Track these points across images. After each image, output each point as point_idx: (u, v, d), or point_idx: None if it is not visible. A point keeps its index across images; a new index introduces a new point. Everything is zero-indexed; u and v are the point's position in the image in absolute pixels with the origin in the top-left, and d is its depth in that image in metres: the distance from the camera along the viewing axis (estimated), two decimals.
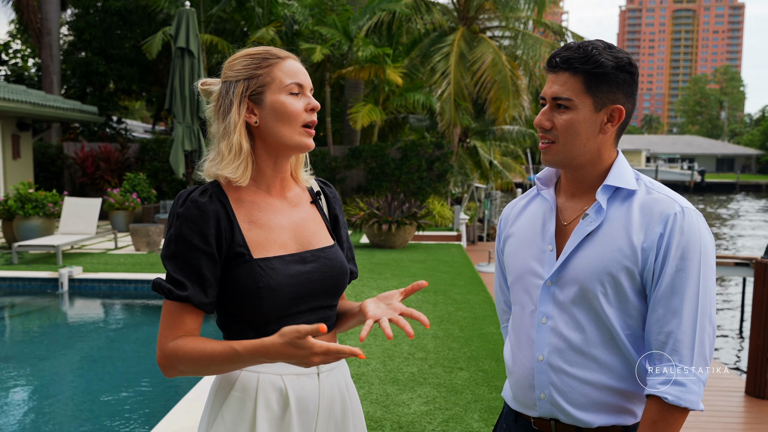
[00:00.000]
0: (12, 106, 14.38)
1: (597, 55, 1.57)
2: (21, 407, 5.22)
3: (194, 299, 1.55)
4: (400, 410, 4.47)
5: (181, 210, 1.59)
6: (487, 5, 18.64)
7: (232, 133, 1.63)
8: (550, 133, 1.63)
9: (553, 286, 1.64)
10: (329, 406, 1.68)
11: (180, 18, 11.63)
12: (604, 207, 1.60)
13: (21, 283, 9.26)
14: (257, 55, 1.67)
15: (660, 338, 1.55)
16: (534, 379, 1.67)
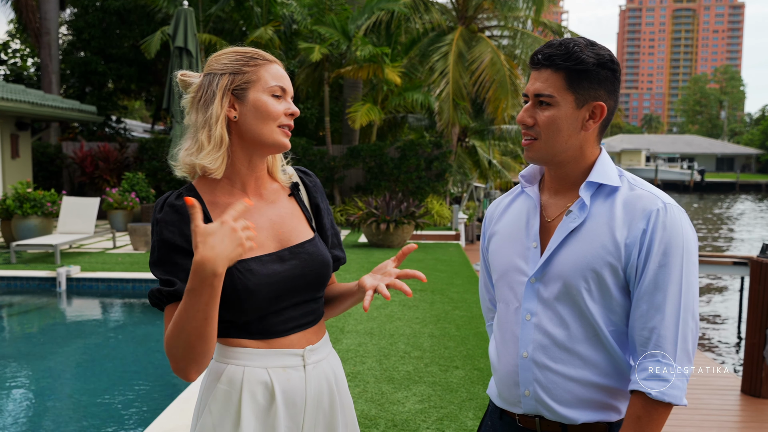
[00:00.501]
0: (10, 105, 14.38)
1: (578, 52, 1.57)
2: (18, 405, 5.22)
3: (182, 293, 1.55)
4: (394, 408, 4.47)
5: (160, 215, 1.62)
6: (485, 5, 18.65)
7: (214, 124, 1.63)
8: (533, 129, 1.63)
9: (538, 283, 1.65)
10: (317, 398, 1.69)
11: (178, 17, 11.63)
12: (587, 203, 1.61)
13: (19, 283, 9.27)
14: (246, 53, 1.69)
15: (644, 334, 1.55)
16: (518, 376, 1.67)
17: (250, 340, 1.64)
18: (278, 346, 1.66)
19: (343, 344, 5.99)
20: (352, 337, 6.25)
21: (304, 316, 1.71)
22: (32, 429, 4.72)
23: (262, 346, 1.64)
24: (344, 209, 16.56)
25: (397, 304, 7.70)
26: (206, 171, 1.65)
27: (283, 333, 1.67)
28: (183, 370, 1.52)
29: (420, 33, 18.92)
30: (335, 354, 1.83)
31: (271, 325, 1.65)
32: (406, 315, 7.16)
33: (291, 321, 1.68)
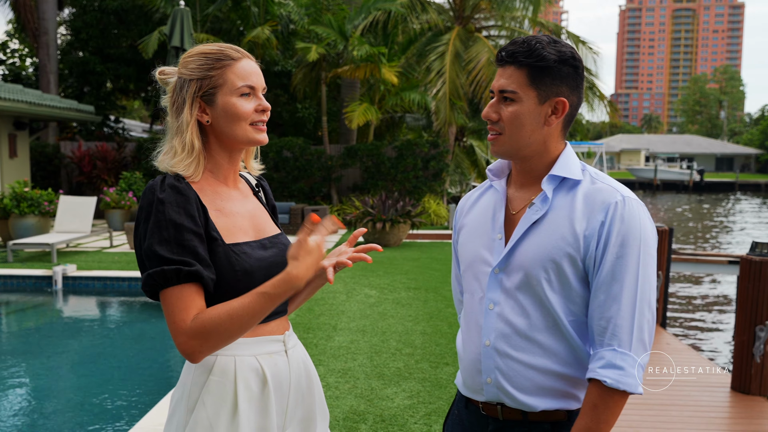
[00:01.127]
0: (8, 105, 14.42)
1: (540, 49, 1.61)
2: (13, 403, 5.26)
3: (204, 273, 1.57)
4: (383, 404, 4.51)
5: (162, 195, 1.60)
6: (482, 4, 18.69)
7: (185, 131, 1.68)
8: (497, 125, 1.68)
9: (501, 273, 1.69)
10: (297, 380, 1.76)
11: (175, 17, 11.67)
12: (549, 196, 1.65)
13: (15, 281, 9.30)
14: (211, 54, 1.71)
15: (601, 323, 1.59)
16: (481, 364, 1.71)
17: None
18: (262, 333, 1.71)
19: (335, 341, 6.03)
20: (344, 334, 6.29)
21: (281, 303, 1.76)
22: (28, 425, 4.76)
23: (248, 334, 1.69)
24: (341, 208, 16.60)
25: (390, 302, 7.74)
26: (183, 176, 1.68)
27: (266, 319, 1.73)
28: (201, 353, 1.55)
29: (417, 33, 18.96)
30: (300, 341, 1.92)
31: None
32: (399, 313, 7.19)
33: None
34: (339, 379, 5.01)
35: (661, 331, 7.11)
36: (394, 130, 22.10)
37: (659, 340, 6.74)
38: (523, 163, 1.72)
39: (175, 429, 1.68)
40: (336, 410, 4.38)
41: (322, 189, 17.74)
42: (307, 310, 7.21)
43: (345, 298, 7.88)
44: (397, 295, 8.11)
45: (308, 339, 6.08)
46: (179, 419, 1.68)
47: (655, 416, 4.71)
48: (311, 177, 17.55)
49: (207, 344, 1.55)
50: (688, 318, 11.37)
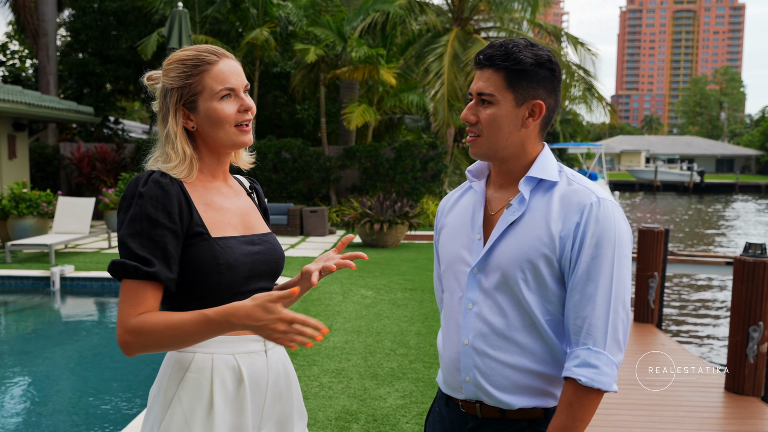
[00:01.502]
0: (7, 106, 14.44)
1: (517, 53, 1.64)
2: (10, 402, 5.29)
3: (161, 275, 1.60)
4: (376, 404, 4.53)
5: (144, 189, 1.64)
6: (481, 6, 18.72)
7: (175, 140, 1.73)
8: (476, 127, 1.70)
9: (480, 273, 1.71)
10: (275, 381, 1.78)
11: (173, 19, 11.70)
12: (526, 197, 1.68)
13: (13, 282, 9.33)
14: (188, 61, 1.73)
15: (576, 323, 1.61)
16: (460, 363, 1.73)
17: None
18: (242, 332, 1.73)
19: (330, 342, 6.05)
20: (339, 334, 6.31)
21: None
22: (24, 425, 4.78)
23: (229, 333, 1.69)
24: (340, 209, 16.62)
25: (386, 302, 7.76)
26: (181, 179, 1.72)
27: None
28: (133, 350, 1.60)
29: (415, 34, 18.98)
30: None
31: None
32: (394, 313, 7.21)
33: None
34: (332, 379, 5.03)
35: (656, 332, 7.13)
36: (393, 132, 22.13)
37: (654, 341, 6.76)
38: (501, 164, 1.74)
39: (151, 425, 1.70)
40: (328, 410, 4.40)
41: (320, 190, 17.76)
42: (302, 311, 7.23)
43: (341, 299, 7.90)
44: (393, 295, 8.13)
45: None
46: (155, 415, 1.70)
47: (647, 416, 4.73)
48: (310, 178, 17.57)
49: (139, 344, 1.59)
50: (685, 319, 11.38)
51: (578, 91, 19.94)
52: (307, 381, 4.97)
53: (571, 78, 19.29)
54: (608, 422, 4.59)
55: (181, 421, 1.65)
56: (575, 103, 21.36)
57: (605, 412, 4.73)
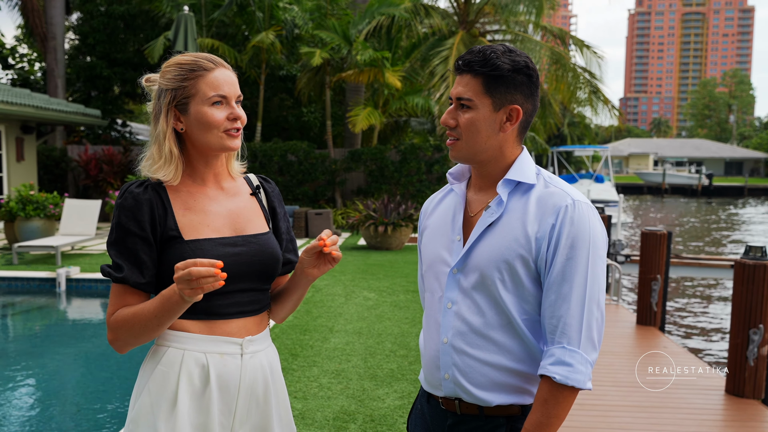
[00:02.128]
0: (15, 109, 14.56)
1: (495, 59, 1.68)
2: (16, 402, 5.35)
3: (130, 279, 1.72)
4: (374, 404, 4.56)
5: (119, 201, 1.76)
6: (487, 9, 18.74)
7: (163, 140, 1.79)
8: (455, 130, 1.75)
9: (459, 274, 1.76)
10: (251, 386, 1.80)
11: (178, 23, 11.78)
12: (504, 200, 1.72)
13: (20, 283, 9.40)
14: (186, 65, 1.80)
15: (552, 322, 1.66)
16: (439, 360, 1.78)
17: (193, 323, 1.76)
18: (219, 332, 1.78)
19: (331, 343, 6.09)
20: (340, 336, 6.34)
21: (249, 303, 1.83)
22: (30, 425, 4.83)
23: (203, 330, 1.76)
24: (345, 212, 16.66)
25: (388, 304, 7.79)
26: (163, 181, 1.79)
27: (226, 316, 1.79)
28: (119, 347, 1.75)
29: (421, 37, 19.02)
30: (274, 348, 1.95)
31: (217, 306, 1.77)
32: (396, 315, 7.24)
33: (236, 306, 1.80)
34: (332, 380, 5.06)
35: (658, 335, 7.13)
36: (399, 134, 22.17)
37: (657, 344, 6.76)
38: (480, 167, 1.79)
39: (129, 413, 1.78)
40: (327, 410, 4.44)
41: (326, 192, 17.81)
42: (305, 312, 7.26)
43: (343, 301, 7.94)
44: (395, 297, 8.16)
45: (304, 341, 6.14)
46: (132, 404, 1.78)
47: (647, 419, 4.74)
48: (315, 181, 17.63)
49: (119, 338, 1.73)
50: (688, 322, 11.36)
51: (584, 94, 19.92)
52: (306, 382, 5.00)
53: (577, 81, 19.27)
54: (608, 424, 4.60)
55: (148, 411, 1.72)
56: (581, 105, 21.34)
57: (605, 414, 4.75)
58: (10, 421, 4.88)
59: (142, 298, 1.75)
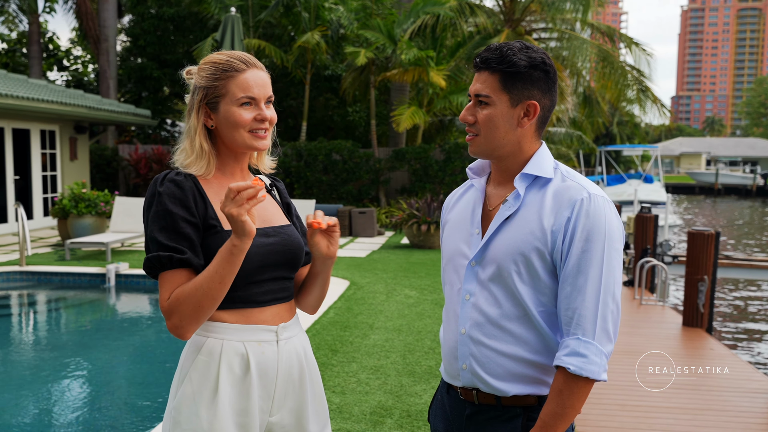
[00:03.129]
0: (69, 110, 15.00)
1: (511, 56, 1.72)
2: (69, 393, 5.54)
3: (193, 261, 1.76)
4: (411, 400, 4.59)
5: (162, 189, 1.80)
6: (533, 7, 18.58)
7: (194, 135, 1.87)
8: (474, 127, 1.78)
9: (477, 266, 1.80)
10: (287, 371, 1.87)
11: (225, 24, 11.97)
12: (521, 193, 1.75)
13: (72, 278, 9.68)
14: (219, 65, 1.86)
15: (567, 314, 1.68)
16: (458, 351, 1.82)
17: (229, 314, 1.82)
18: (254, 321, 1.84)
19: (371, 339, 6.13)
20: (380, 333, 6.38)
21: (280, 290, 1.91)
22: (81, 416, 5.00)
23: (240, 320, 1.83)
24: (389, 211, 16.71)
25: (429, 302, 7.80)
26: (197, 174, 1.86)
27: (261, 303, 1.86)
28: (183, 328, 1.74)
29: (466, 36, 18.95)
30: (305, 334, 2.02)
31: (253, 294, 1.84)
32: (436, 313, 7.25)
33: (270, 293, 1.87)
34: (370, 375, 5.11)
35: (704, 336, 7.00)
36: (444, 133, 22.14)
37: (703, 346, 6.64)
38: (499, 162, 1.83)
39: (169, 402, 1.86)
40: (364, 405, 4.48)
41: (370, 191, 17.89)
42: (345, 309, 7.33)
43: (384, 298, 7.98)
44: (436, 296, 8.17)
45: (344, 337, 6.20)
46: (173, 393, 1.85)
47: (690, 421, 4.67)
48: (360, 180, 17.72)
49: (181, 317, 1.72)
50: (736, 324, 11.09)
51: (632, 93, 19.60)
52: (345, 377, 5.06)
53: (625, 79, 18.97)
54: (650, 425, 4.55)
55: (190, 399, 1.79)
56: (630, 104, 21.00)
57: (647, 415, 4.69)
58: (63, 411, 5.06)
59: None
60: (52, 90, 16.50)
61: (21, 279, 9.66)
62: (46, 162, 15.91)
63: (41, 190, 15.71)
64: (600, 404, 4.86)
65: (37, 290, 9.48)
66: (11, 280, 9.64)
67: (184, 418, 1.78)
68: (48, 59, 26.45)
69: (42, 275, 9.69)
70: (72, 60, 25.95)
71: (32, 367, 6.20)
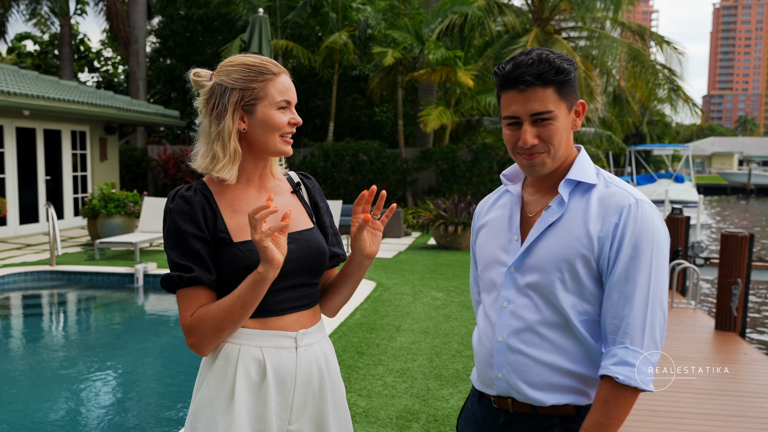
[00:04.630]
0: (99, 110, 15.16)
1: (561, 63, 1.66)
2: (97, 392, 5.57)
3: (203, 277, 1.75)
4: (438, 404, 4.53)
5: (172, 206, 1.80)
6: (562, 6, 18.38)
7: (228, 139, 1.81)
8: (538, 146, 1.70)
9: (516, 273, 1.75)
10: (307, 378, 1.83)
11: (253, 25, 12.00)
12: (565, 199, 1.71)
13: (101, 278, 9.78)
14: (254, 67, 1.83)
15: (614, 322, 1.63)
16: (493, 359, 1.77)
17: (248, 320, 1.79)
18: (273, 327, 1.81)
19: (397, 342, 6.09)
20: (407, 335, 6.33)
21: (300, 298, 1.86)
22: (109, 414, 5.02)
23: (258, 326, 1.80)
24: (416, 211, 16.65)
25: (456, 304, 7.73)
26: (222, 180, 1.84)
27: (279, 312, 1.82)
28: (203, 347, 1.75)
29: (494, 36, 18.82)
30: (329, 340, 1.97)
31: (269, 304, 1.80)
32: (464, 315, 7.18)
33: (287, 302, 1.83)
34: (397, 378, 5.06)
35: (738, 341, 6.84)
36: (472, 134, 22.02)
37: (736, 350, 6.49)
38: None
39: (190, 406, 1.84)
40: (390, 409, 4.43)
41: (397, 192, 17.84)
42: (372, 311, 7.29)
43: (411, 300, 7.93)
44: (463, 297, 8.10)
45: (371, 339, 6.16)
46: (193, 397, 1.83)
47: (723, 428, 4.55)
48: (387, 180, 17.68)
49: (202, 337, 1.73)
50: None
51: (663, 92, 19.32)
52: (371, 380, 5.02)
53: (656, 78, 18.70)
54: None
55: (206, 405, 1.76)
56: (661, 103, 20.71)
57: (679, 422, 4.58)
58: (91, 410, 5.10)
59: (213, 297, 1.77)
60: (83, 91, 16.70)
61: (51, 278, 9.77)
62: (76, 162, 16.11)
63: (72, 191, 15.91)
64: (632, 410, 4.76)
65: (66, 289, 9.59)
66: (42, 279, 9.76)
67: (201, 424, 1.76)
68: (79, 61, 26.82)
69: (72, 275, 9.80)
70: (102, 61, 26.28)
71: (60, 366, 6.25)
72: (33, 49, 28.29)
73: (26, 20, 24.09)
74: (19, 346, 7.14)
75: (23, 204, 14.44)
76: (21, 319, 8.38)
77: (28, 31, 28.41)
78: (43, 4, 23.45)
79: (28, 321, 8.30)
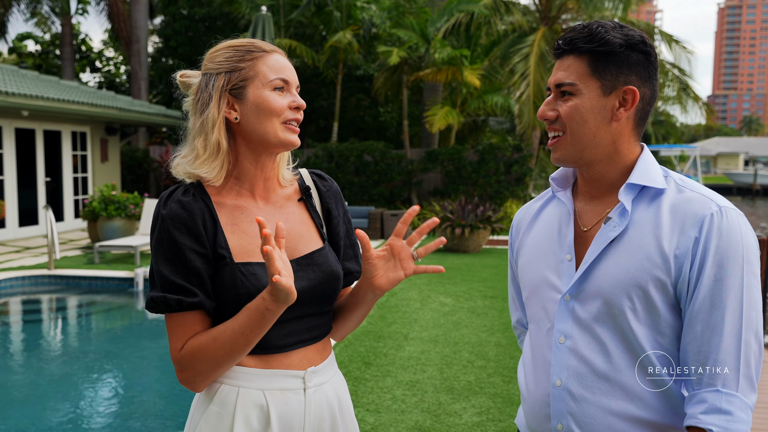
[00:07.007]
0: (99, 111, 14.94)
1: (603, 33, 1.39)
2: (97, 399, 5.38)
3: (206, 304, 1.47)
4: (450, 420, 4.28)
5: (165, 212, 1.49)
6: (569, 4, 18.15)
7: (210, 130, 1.52)
8: (556, 123, 1.44)
9: (573, 301, 1.45)
10: (317, 423, 1.55)
11: (256, 23, 11.79)
12: (628, 209, 1.40)
13: (100, 282, 9.55)
14: (241, 47, 1.57)
15: (700, 358, 1.34)
16: (550, 407, 1.47)
17: (247, 358, 1.51)
18: (277, 366, 1.53)
19: (406, 351, 5.83)
20: (415, 344, 6.08)
21: (308, 330, 1.58)
22: (109, 420, 4.84)
23: (260, 365, 1.52)
24: (421, 213, 16.39)
25: (465, 311, 7.48)
26: (204, 180, 1.54)
27: (284, 348, 1.54)
28: (196, 384, 1.47)
29: (500, 35, 18.57)
30: (341, 376, 1.69)
31: (272, 338, 1.51)
32: (473, 322, 6.92)
33: (293, 335, 1.55)
34: (406, 391, 4.81)
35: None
36: (477, 134, 21.75)
37: None
38: (589, 169, 1.47)
39: None
40: (400, 425, 4.18)
41: (402, 193, 17.59)
42: (379, 318, 7.04)
43: (419, 306, 7.67)
44: (473, 303, 7.84)
45: (378, 348, 5.91)
46: None
47: None
48: (392, 181, 17.42)
49: (196, 372, 1.44)
50: None
51: (672, 91, 19.06)
52: (379, 393, 4.77)
53: (665, 77, 18.44)
54: None
55: None
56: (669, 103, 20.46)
57: None
58: (90, 417, 4.92)
59: (209, 324, 1.48)
60: (83, 91, 16.49)
61: (49, 283, 9.55)
62: (77, 163, 15.89)
63: (72, 192, 15.68)
64: None
65: (65, 294, 9.36)
66: (39, 284, 9.54)
67: None
68: (80, 61, 26.63)
69: (70, 279, 9.57)
70: (104, 61, 26.09)
71: (59, 372, 6.05)
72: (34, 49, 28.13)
73: (27, 20, 23.89)
74: (15, 354, 6.93)
75: (22, 206, 14.21)
76: (18, 325, 8.16)
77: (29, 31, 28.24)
78: (43, 3, 23.25)
79: (24, 327, 8.08)
